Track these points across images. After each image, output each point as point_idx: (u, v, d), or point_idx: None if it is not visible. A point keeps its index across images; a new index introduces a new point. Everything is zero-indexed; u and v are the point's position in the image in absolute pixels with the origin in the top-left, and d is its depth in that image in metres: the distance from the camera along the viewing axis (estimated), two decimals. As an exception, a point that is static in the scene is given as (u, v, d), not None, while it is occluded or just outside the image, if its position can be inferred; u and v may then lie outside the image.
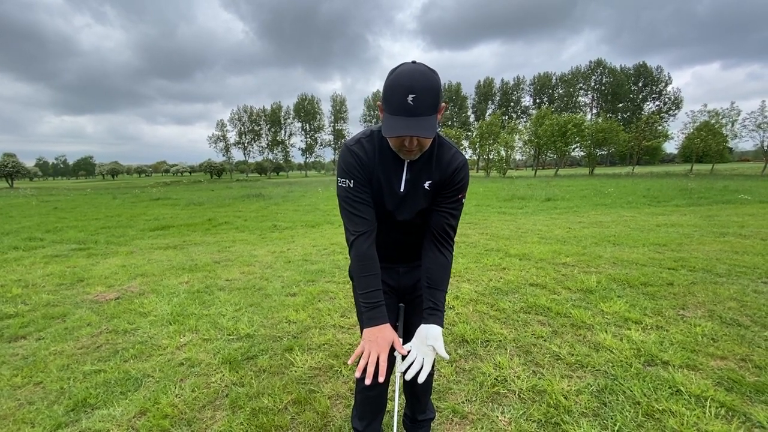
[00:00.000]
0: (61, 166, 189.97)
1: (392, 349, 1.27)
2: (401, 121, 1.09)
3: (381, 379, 1.17)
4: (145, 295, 3.99)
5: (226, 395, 2.20)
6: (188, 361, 2.59)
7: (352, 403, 2.08)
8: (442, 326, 1.29)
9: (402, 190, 1.32)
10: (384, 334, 1.24)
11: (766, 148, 37.54)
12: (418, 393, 1.68)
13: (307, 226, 9.22)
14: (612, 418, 1.89)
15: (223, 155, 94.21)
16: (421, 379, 1.22)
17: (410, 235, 1.43)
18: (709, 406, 1.93)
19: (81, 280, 4.60)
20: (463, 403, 2.08)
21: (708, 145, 39.78)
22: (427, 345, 1.25)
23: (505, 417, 1.95)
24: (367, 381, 1.16)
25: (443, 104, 1.17)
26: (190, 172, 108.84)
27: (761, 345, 2.53)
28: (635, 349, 2.54)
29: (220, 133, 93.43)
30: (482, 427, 1.88)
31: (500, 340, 2.76)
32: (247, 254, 5.86)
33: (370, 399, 1.55)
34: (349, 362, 1.30)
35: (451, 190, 1.32)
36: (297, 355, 2.62)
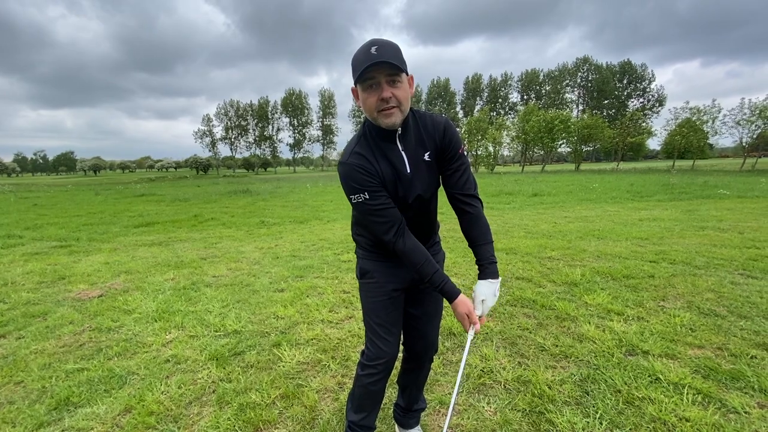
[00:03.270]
0: (41, 161, 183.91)
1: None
2: (368, 62, 1.14)
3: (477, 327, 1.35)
4: (130, 292, 3.92)
5: (213, 391, 2.19)
6: (174, 357, 2.57)
7: (343, 396, 2.10)
8: (493, 278, 1.37)
9: (408, 171, 1.34)
10: (467, 300, 1.36)
11: (744, 144, 38.57)
12: (420, 384, 1.72)
13: (295, 222, 9.16)
14: (594, 406, 1.94)
15: (210, 151, 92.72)
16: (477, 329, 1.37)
17: (419, 215, 1.44)
18: (687, 393, 1.99)
19: (62, 277, 4.50)
20: (450, 394, 2.11)
21: (689, 141, 40.57)
22: (479, 301, 1.37)
23: (491, 407, 1.98)
24: (477, 328, 1.34)
25: (411, 75, 1.24)
26: (175, 168, 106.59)
27: (737, 334, 2.62)
28: (617, 339, 2.60)
29: (206, 128, 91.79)
30: (469, 417, 1.91)
31: (487, 333, 2.81)
32: (235, 250, 5.81)
33: (372, 393, 1.55)
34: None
35: (450, 151, 1.35)
36: (285, 351, 2.62)
